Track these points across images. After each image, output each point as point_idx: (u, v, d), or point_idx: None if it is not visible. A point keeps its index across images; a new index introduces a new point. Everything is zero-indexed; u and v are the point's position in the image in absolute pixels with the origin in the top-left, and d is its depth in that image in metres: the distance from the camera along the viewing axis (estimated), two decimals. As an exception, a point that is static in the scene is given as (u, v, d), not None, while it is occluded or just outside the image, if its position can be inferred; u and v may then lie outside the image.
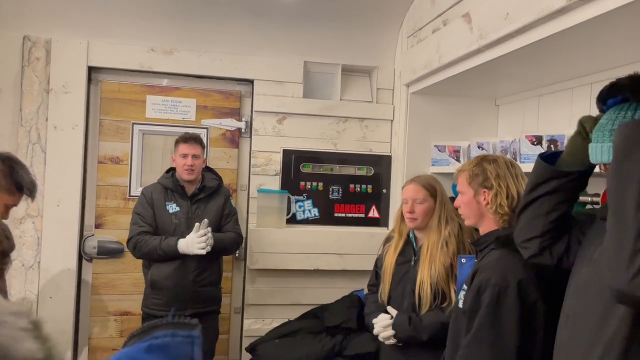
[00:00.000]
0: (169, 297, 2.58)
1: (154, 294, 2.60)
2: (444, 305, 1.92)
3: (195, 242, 2.50)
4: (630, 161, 0.94)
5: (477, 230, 1.69)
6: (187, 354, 0.63)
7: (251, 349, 2.78)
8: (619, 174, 0.96)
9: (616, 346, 1.01)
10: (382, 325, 2.07)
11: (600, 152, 1.11)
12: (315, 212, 3.18)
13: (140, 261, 2.73)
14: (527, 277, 1.37)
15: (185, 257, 2.57)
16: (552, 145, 2.11)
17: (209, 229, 2.54)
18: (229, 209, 2.79)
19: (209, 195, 2.70)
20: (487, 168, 1.59)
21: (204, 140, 2.94)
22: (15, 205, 1.89)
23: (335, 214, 3.20)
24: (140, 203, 2.67)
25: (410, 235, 2.18)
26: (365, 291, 2.85)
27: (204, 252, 2.51)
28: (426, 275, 1.97)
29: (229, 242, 2.69)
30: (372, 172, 3.23)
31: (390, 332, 2.04)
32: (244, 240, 2.97)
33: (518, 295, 1.35)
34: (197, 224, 2.53)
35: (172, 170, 2.73)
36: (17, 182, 1.82)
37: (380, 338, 2.11)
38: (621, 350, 1.00)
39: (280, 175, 3.13)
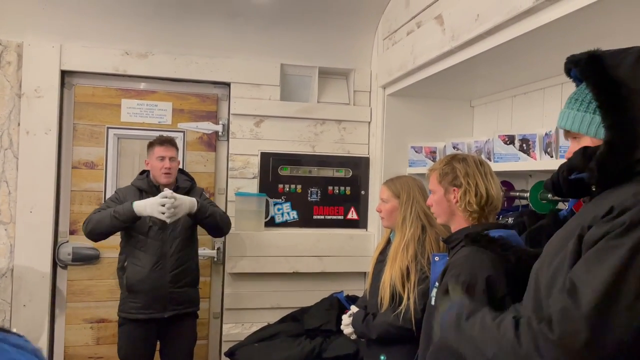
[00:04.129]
0: (146, 300, 2.54)
1: (131, 298, 2.56)
2: (400, 307, 1.94)
3: (157, 203, 2.43)
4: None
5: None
6: None
7: (230, 353, 2.76)
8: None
9: None
10: (345, 322, 2.18)
11: (563, 118, 1.15)
12: (294, 214, 3.17)
13: (115, 267, 2.68)
14: (496, 273, 1.38)
15: (162, 257, 2.55)
16: (524, 145, 2.14)
17: (173, 194, 2.46)
18: (206, 199, 2.76)
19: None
20: (456, 167, 1.60)
21: (180, 144, 2.93)
22: None
23: (314, 216, 3.20)
24: (111, 198, 2.64)
25: (390, 236, 2.20)
26: (345, 293, 2.86)
27: (164, 217, 2.43)
28: (387, 276, 2.00)
29: (215, 212, 2.64)
30: (351, 173, 3.24)
31: (351, 328, 2.14)
32: (223, 241, 2.94)
33: (487, 291, 1.36)
34: (166, 189, 2.48)
35: (146, 172, 2.70)
36: None
37: (345, 333, 2.20)
38: None
39: (259, 178, 3.12)
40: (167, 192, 2.47)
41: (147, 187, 2.63)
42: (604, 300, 0.93)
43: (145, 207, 2.45)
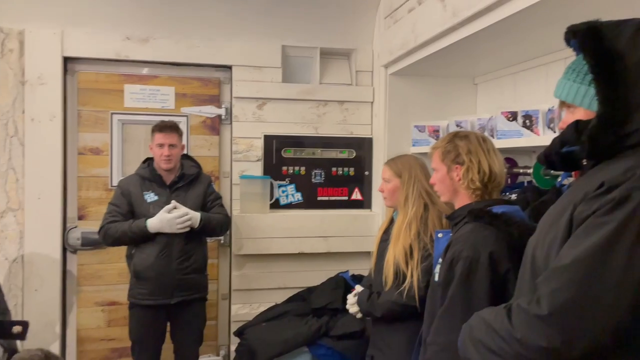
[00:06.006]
0: (153, 287, 2.58)
1: (139, 284, 2.60)
2: (403, 285, 1.96)
3: (176, 222, 2.51)
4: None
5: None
6: None
7: (239, 333, 2.81)
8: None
9: None
10: (350, 302, 2.21)
11: (559, 88, 1.15)
12: (298, 196, 3.19)
13: (125, 252, 2.72)
14: (499, 249, 1.40)
15: (168, 245, 2.57)
16: (527, 121, 2.14)
17: (183, 209, 2.57)
18: (213, 194, 2.79)
19: (188, 183, 2.69)
20: (458, 144, 1.61)
21: (184, 128, 2.93)
22: None
23: (319, 198, 3.22)
24: (116, 195, 2.66)
25: (394, 215, 2.22)
26: (351, 273, 2.89)
27: (181, 231, 2.54)
28: (391, 255, 2.02)
29: (217, 222, 2.67)
30: (354, 154, 3.25)
31: (356, 307, 2.17)
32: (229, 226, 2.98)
33: (489, 267, 1.38)
34: (173, 202, 2.55)
35: (149, 160, 2.71)
36: None
37: (350, 312, 2.22)
38: None
39: (262, 161, 3.13)
40: (174, 204, 2.54)
41: (150, 175, 2.64)
42: (590, 273, 0.93)
43: (162, 226, 2.52)
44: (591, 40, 1.05)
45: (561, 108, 1.16)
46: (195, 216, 2.58)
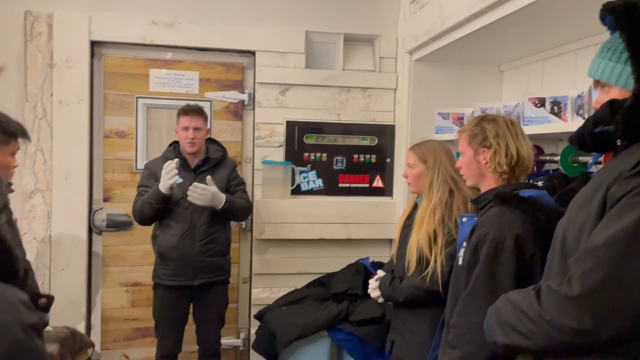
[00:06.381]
0: (176, 268, 2.62)
1: (163, 265, 2.65)
2: (427, 270, 1.95)
3: (198, 191, 2.52)
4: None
5: (478, 189, 1.70)
6: None
7: (259, 316, 2.85)
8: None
9: None
10: (372, 286, 2.21)
11: (594, 67, 1.12)
12: (319, 182, 3.20)
13: (149, 233, 2.77)
14: (525, 232, 1.38)
15: (192, 226, 2.60)
16: (555, 107, 2.10)
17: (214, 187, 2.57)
18: (237, 179, 2.81)
19: (213, 167, 2.71)
20: (486, 127, 1.59)
21: (207, 113, 2.94)
22: (18, 149, 1.89)
23: (340, 185, 3.22)
24: (144, 176, 2.69)
25: (417, 201, 2.21)
26: (371, 260, 2.89)
27: (169, 183, 2.51)
28: (414, 240, 2.01)
29: (240, 206, 2.69)
30: (376, 141, 3.23)
31: (378, 292, 2.17)
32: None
33: (515, 250, 1.37)
34: (208, 177, 2.57)
35: (175, 143, 2.74)
36: (7, 130, 1.82)
37: (372, 297, 2.23)
38: None
39: (284, 146, 3.14)
40: (209, 179, 2.57)
41: (175, 157, 2.65)
42: (623, 254, 0.91)
43: (162, 182, 2.51)
44: (628, 18, 1.02)
45: (595, 87, 1.14)
46: (221, 196, 2.60)
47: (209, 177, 2.58)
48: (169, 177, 2.50)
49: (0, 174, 1.72)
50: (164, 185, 2.50)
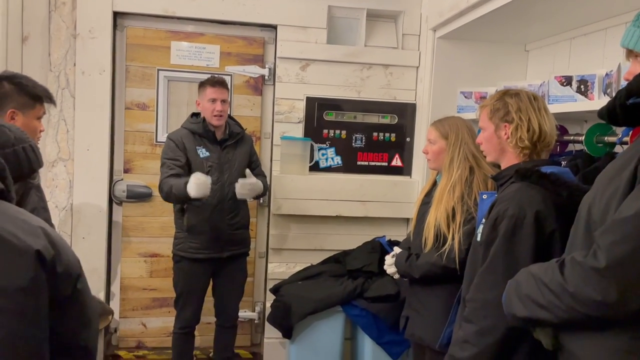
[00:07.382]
0: (207, 241, 2.62)
1: (191, 238, 2.62)
2: (444, 247, 1.94)
3: (248, 187, 2.57)
4: None
5: (499, 167, 1.68)
6: None
7: (275, 290, 2.88)
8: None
9: None
10: (388, 262, 2.21)
11: (628, 36, 1.09)
12: (338, 160, 3.19)
13: (169, 205, 2.79)
14: (546, 209, 1.36)
15: (221, 201, 2.61)
16: (582, 86, 2.05)
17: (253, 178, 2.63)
18: (255, 155, 2.84)
19: (236, 142, 2.71)
20: (508, 102, 1.56)
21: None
22: (44, 113, 1.91)
23: (358, 162, 3.20)
24: (170, 149, 2.60)
25: (437, 178, 2.19)
26: (388, 238, 2.89)
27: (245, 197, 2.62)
28: (432, 217, 1.99)
29: (265, 188, 2.76)
30: (396, 120, 3.20)
31: (393, 268, 2.17)
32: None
33: (534, 226, 1.34)
34: (247, 170, 2.61)
35: (197, 115, 2.70)
36: (33, 94, 1.84)
37: (388, 273, 2.22)
38: None
39: (304, 123, 3.13)
40: (248, 172, 2.61)
41: (202, 131, 2.61)
42: None
43: (198, 190, 2.40)
44: None
45: (627, 58, 1.10)
46: (260, 185, 2.65)
47: (247, 170, 2.60)
48: (200, 194, 2.41)
49: None
50: (194, 194, 2.41)
